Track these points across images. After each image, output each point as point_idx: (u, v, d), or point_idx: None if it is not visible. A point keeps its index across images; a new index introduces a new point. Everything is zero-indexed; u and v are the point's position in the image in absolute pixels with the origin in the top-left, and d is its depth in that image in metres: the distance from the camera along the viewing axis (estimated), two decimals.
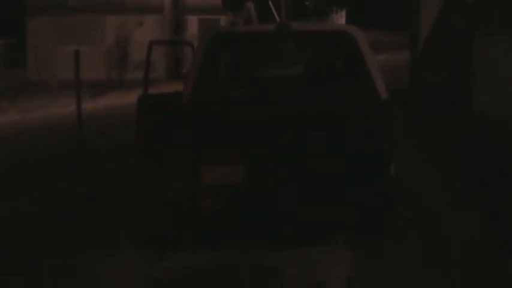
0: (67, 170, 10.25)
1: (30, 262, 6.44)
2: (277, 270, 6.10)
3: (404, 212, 7.47)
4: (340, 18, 36.96)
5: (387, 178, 6.53)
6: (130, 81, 20.60)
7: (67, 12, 22.93)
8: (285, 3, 26.70)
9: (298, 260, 6.34)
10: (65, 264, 6.35)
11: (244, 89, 7.00)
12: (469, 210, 7.79)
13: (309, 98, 6.71)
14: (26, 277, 6.11)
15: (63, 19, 22.85)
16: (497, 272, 6.03)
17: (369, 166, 6.49)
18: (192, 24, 25.32)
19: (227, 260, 6.38)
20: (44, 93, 20.49)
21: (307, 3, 38.65)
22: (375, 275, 6.04)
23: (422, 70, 17.20)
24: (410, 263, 6.25)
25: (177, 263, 6.35)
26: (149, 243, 6.91)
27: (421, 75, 17.23)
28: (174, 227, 7.03)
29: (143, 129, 7.88)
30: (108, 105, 19.19)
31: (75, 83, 11.85)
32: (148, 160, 8.36)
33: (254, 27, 9.95)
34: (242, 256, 6.42)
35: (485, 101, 12.50)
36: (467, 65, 14.30)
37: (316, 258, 6.40)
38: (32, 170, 10.26)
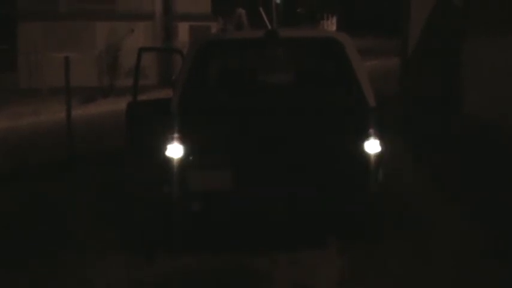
0: (56, 176, 10.19)
1: (20, 266, 6.42)
2: (267, 274, 6.10)
3: (396, 213, 7.54)
4: (331, 25, 37.04)
5: (374, 184, 6.54)
6: (121, 88, 20.54)
7: (58, 19, 22.87)
8: (277, 10, 26.79)
9: (287, 264, 6.37)
10: (55, 269, 6.35)
11: (233, 95, 7.03)
12: (460, 211, 7.84)
13: (297, 105, 6.74)
14: (16, 281, 6.10)
15: (54, 25, 22.77)
16: (489, 274, 6.05)
17: (357, 172, 6.50)
18: (183, 31, 25.28)
19: (217, 264, 6.39)
20: (35, 99, 20.43)
21: (298, 10, 38.79)
22: (365, 278, 6.05)
23: (412, 74, 17.23)
24: (401, 265, 6.26)
25: (167, 267, 6.36)
26: (139, 247, 6.91)
27: (410, 79, 17.26)
28: (164, 232, 7.04)
29: (132, 135, 7.90)
30: (98, 112, 19.15)
31: (66, 89, 11.82)
32: (138, 166, 8.38)
33: (242, 34, 9.99)
34: (232, 260, 6.43)
35: (475, 104, 12.53)
36: (457, 67, 14.34)
37: (306, 261, 6.41)
38: (21, 175, 10.20)
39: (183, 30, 25.59)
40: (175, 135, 6.53)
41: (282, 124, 6.58)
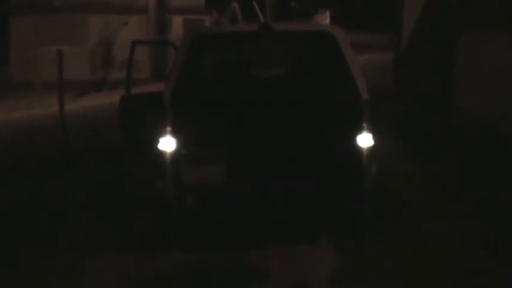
0: (54, 174, 10.15)
1: (15, 264, 6.41)
2: (263, 271, 6.11)
3: (392, 212, 7.54)
4: (324, 19, 37.00)
5: (368, 178, 6.54)
6: (115, 82, 20.52)
7: (51, 12, 22.82)
8: (270, 4, 26.74)
9: (283, 260, 6.37)
10: (51, 267, 6.33)
11: (226, 88, 7.02)
12: (460, 211, 7.84)
13: (290, 98, 6.74)
14: (11, 279, 6.08)
15: (47, 19, 22.74)
16: (489, 274, 6.05)
17: (350, 166, 6.51)
18: (177, 24, 25.27)
19: (217, 264, 6.38)
20: (28, 93, 20.39)
21: (292, 4, 38.77)
22: (365, 277, 6.05)
23: (405, 67, 17.27)
24: (401, 265, 6.26)
25: (163, 264, 6.35)
26: (135, 245, 6.91)
27: (405, 72, 17.31)
28: (164, 232, 7.02)
29: (125, 129, 7.88)
30: (91, 105, 19.13)
31: (58, 83, 11.79)
32: (131, 160, 8.38)
33: (235, 28, 10.01)
34: (232, 260, 6.42)
35: (475, 104, 12.55)
36: (449, 64, 14.35)
37: (302, 258, 6.42)
38: (20, 173, 10.16)
39: (176, 23, 25.59)
40: (168, 128, 6.52)
41: (273, 117, 6.60)
